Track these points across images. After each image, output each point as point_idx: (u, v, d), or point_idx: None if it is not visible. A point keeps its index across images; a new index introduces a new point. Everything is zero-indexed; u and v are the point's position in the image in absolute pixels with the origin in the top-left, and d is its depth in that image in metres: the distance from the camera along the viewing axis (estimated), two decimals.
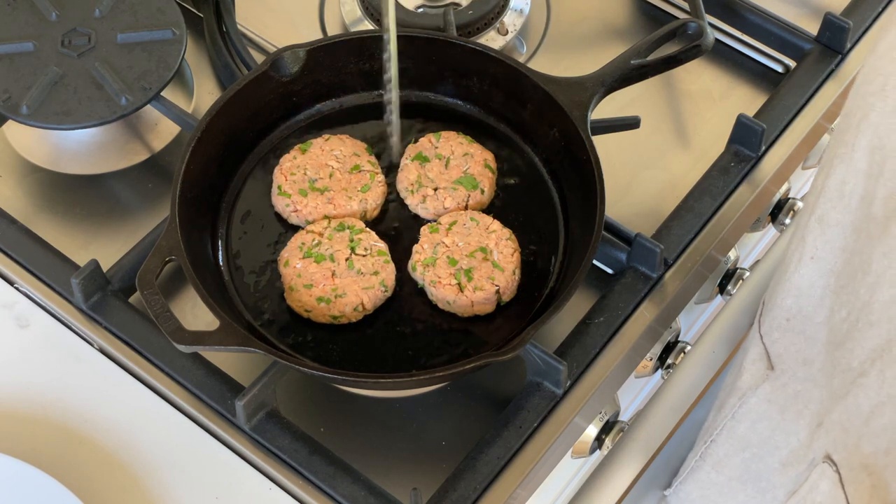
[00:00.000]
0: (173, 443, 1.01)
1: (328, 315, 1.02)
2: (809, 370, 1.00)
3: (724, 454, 1.04)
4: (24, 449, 0.99)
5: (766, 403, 1.02)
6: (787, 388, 1.01)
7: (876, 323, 0.91)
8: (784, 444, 1.01)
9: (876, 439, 0.93)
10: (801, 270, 0.99)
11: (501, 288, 1.04)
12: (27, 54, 1.14)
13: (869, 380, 0.92)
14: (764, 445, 1.02)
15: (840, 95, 1.20)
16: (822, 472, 0.97)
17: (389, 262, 1.05)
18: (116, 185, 1.17)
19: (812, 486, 0.98)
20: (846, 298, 0.95)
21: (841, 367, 0.95)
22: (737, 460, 1.04)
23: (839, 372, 0.96)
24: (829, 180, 0.95)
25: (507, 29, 1.24)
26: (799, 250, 0.98)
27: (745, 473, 1.03)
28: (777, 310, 1.01)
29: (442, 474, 0.99)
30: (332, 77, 1.14)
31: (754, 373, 1.03)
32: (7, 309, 1.07)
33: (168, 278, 1.09)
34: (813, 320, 0.99)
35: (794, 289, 0.99)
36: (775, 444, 1.02)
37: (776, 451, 1.02)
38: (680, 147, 1.20)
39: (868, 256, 0.91)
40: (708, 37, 1.12)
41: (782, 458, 1.01)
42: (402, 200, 1.10)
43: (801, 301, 0.99)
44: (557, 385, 1.01)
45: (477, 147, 1.11)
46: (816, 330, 0.99)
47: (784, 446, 1.01)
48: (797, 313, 1.00)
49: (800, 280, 0.99)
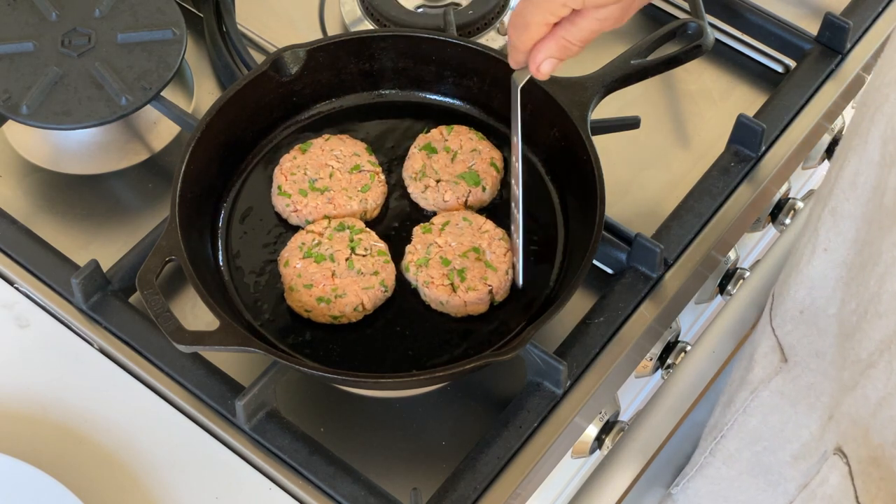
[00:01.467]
0: (173, 443, 1.01)
1: (328, 315, 1.02)
2: (822, 362, 1.00)
3: (734, 449, 1.04)
4: (24, 449, 0.99)
5: (778, 396, 1.02)
6: (800, 381, 1.01)
7: (884, 314, 0.91)
8: (795, 437, 1.01)
9: (884, 430, 0.93)
10: (813, 262, 0.98)
11: (494, 288, 1.04)
12: (27, 54, 1.14)
13: (877, 371, 0.92)
14: (776, 438, 1.02)
15: (840, 95, 1.20)
16: (833, 464, 0.97)
17: (389, 262, 1.05)
18: (116, 185, 1.17)
19: (823, 479, 0.97)
20: (856, 290, 0.95)
21: (850, 359, 0.95)
22: (748, 454, 1.03)
23: (849, 364, 0.96)
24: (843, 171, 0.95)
25: (507, 29, 1.24)
26: (812, 242, 0.98)
27: (757, 467, 1.03)
28: (790, 302, 1.01)
29: (442, 474, 0.99)
30: (332, 77, 1.14)
31: (766, 366, 1.03)
32: (7, 309, 1.07)
33: (168, 278, 1.09)
34: (826, 312, 0.99)
35: (807, 280, 0.99)
36: (787, 438, 1.01)
37: (788, 444, 1.01)
38: (680, 147, 1.20)
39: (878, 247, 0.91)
40: (708, 37, 1.12)
41: (794, 451, 1.01)
42: (402, 199, 1.10)
43: (814, 293, 0.99)
44: (557, 385, 1.01)
45: (486, 144, 1.11)
46: (829, 322, 0.99)
47: (796, 439, 1.01)
48: (810, 305, 1.00)
49: (812, 272, 0.99)
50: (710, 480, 1.05)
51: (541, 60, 0.96)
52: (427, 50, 1.13)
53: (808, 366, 1.01)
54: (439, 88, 1.15)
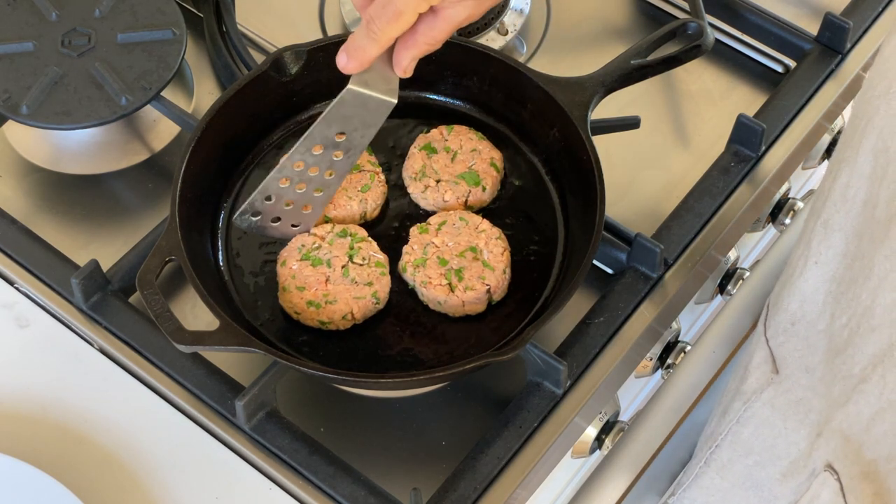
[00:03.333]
0: (173, 443, 1.01)
1: (316, 319, 1.02)
2: (811, 378, 0.99)
3: (727, 459, 1.03)
4: (24, 449, 0.99)
5: (769, 409, 1.02)
6: (790, 394, 1.01)
7: (878, 327, 0.90)
8: (785, 453, 1.00)
9: (877, 446, 0.92)
10: (805, 275, 0.98)
11: (492, 287, 1.04)
12: (27, 54, 1.14)
13: (870, 385, 0.91)
14: (766, 453, 1.01)
15: (840, 95, 1.20)
16: (824, 481, 0.96)
17: (386, 274, 1.04)
18: (116, 185, 1.17)
19: (814, 496, 0.96)
20: (846, 304, 0.94)
21: (841, 374, 0.95)
22: (740, 466, 1.03)
23: (839, 379, 0.95)
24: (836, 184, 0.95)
25: (507, 29, 1.25)
26: (805, 254, 0.98)
27: (748, 480, 1.02)
28: (782, 313, 1.01)
29: (442, 474, 0.99)
30: (332, 77, 1.13)
31: (759, 377, 1.03)
32: (7, 309, 1.07)
33: (168, 278, 1.09)
34: (815, 327, 0.98)
35: (798, 293, 0.99)
36: (777, 454, 1.01)
37: (778, 460, 1.01)
38: (680, 147, 1.20)
39: (870, 260, 0.91)
40: (708, 37, 1.12)
41: (783, 468, 1.00)
42: (402, 199, 1.10)
43: (805, 307, 0.99)
44: (557, 385, 1.01)
45: (486, 144, 1.11)
46: (818, 338, 0.98)
47: (785, 456, 1.00)
48: (801, 318, 0.99)
49: (804, 284, 0.98)
50: (704, 491, 1.05)
51: (408, 61, 0.92)
52: None
53: (799, 381, 1.00)
54: (439, 88, 1.15)
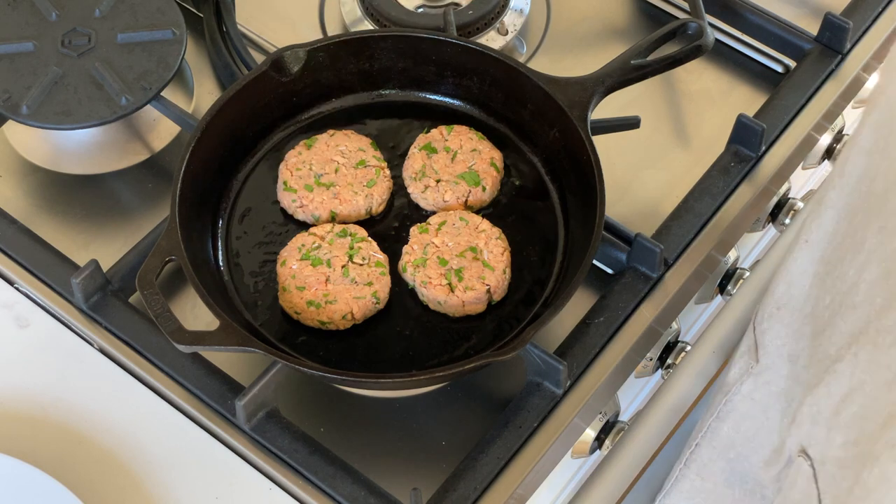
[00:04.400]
0: (173, 443, 1.01)
1: (316, 319, 1.02)
2: (794, 367, 0.97)
3: (708, 458, 1.02)
4: (24, 449, 0.99)
5: (749, 401, 0.99)
6: (771, 386, 0.98)
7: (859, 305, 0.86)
8: (767, 442, 0.98)
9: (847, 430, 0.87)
10: (794, 254, 0.96)
11: (492, 287, 1.04)
12: (27, 54, 1.14)
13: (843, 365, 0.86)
14: (747, 445, 0.99)
15: (840, 95, 1.20)
16: (799, 467, 0.92)
17: (386, 274, 1.04)
18: (116, 185, 1.17)
19: (791, 483, 0.92)
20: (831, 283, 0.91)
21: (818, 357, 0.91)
22: (721, 463, 1.01)
23: (815, 362, 0.92)
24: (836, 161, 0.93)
25: (507, 29, 1.25)
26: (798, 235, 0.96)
27: (732, 476, 1.01)
28: (770, 297, 0.98)
29: (442, 474, 0.99)
30: (332, 77, 1.14)
31: (741, 367, 1.01)
32: (7, 309, 1.07)
33: (168, 278, 1.09)
34: (802, 311, 0.96)
35: (786, 274, 0.97)
36: (760, 444, 0.98)
37: (761, 448, 0.98)
38: (680, 147, 1.20)
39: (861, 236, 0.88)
40: (708, 37, 1.12)
41: (766, 456, 0.98)
42: (402, 199, 1.10)
43: (791, 290, 0.96)
44: (557, 385, 1.01)
45: (486, 144, 1.11)
46: (803, 323, 0.96)
47: (768, 444, 0.98)
48: (787, 303, 0.97)
49: (793, 264, 0.96)
50: (685, 495, 1.02)
51: None
52: (427, 50, 1.13)
53: (780, 370, 0.97)
54: (439, 88, 1.15)
